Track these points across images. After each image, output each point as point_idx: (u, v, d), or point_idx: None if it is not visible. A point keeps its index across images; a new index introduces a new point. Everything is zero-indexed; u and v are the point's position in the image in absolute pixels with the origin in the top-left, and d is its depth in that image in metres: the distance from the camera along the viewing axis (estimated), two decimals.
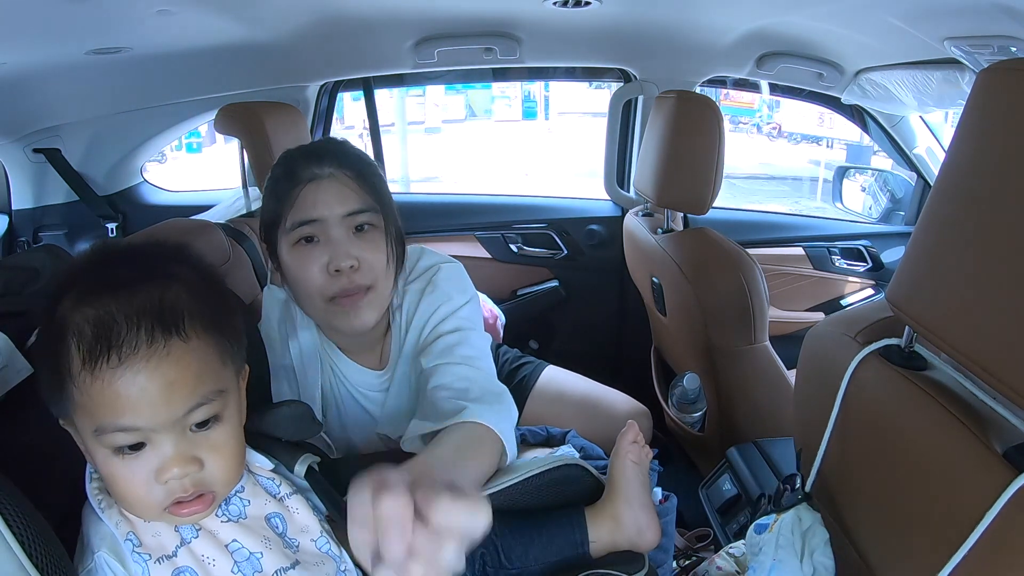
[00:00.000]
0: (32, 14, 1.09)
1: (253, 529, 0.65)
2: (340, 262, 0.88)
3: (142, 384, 0.54)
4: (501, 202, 2.30)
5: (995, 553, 0.55)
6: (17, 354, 0.69)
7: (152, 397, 0.55)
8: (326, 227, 0.89)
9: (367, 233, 0.91)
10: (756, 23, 1.55)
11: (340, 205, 0.89)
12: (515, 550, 0.78)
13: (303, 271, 0.90)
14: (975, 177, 0.59)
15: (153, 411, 0.55)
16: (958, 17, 1.12)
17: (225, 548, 0.63)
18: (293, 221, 0.90)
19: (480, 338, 0.97)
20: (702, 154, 1.35)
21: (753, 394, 1.39)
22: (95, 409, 0.55)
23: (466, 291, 1.00)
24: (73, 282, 0.58)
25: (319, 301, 0.92)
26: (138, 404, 0.54)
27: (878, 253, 2.09)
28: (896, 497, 0.69)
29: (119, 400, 0.54)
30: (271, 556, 0.64)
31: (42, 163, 1.89)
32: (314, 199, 0.89)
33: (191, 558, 0.61)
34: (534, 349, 2.08)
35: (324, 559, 0.69)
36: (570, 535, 0.79)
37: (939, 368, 0.67)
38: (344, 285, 0.90)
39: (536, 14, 1.51)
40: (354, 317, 0.92)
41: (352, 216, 0.90)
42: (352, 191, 0.90)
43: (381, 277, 0.92)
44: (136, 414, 0.55)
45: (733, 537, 1.15)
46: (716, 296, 1.31)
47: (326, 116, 2.09)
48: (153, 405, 0.55)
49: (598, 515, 0.83)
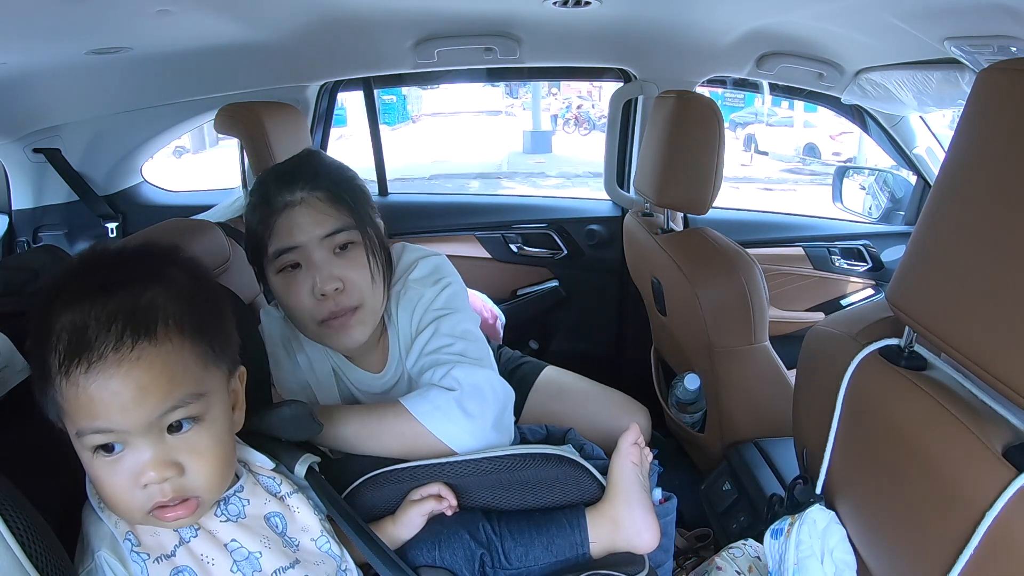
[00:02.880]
0: (32, 14, 1.09)
1: (252, 529, 0.65)
2: (324, 286, 0.89)
3: (114, 388, 0.55)
4: (501, 202, 2.30)
5: (995, 553, 0.55)
6: (17, 354, 0.69)
7: (123, 401, 0.55)
8: (307, 252, 0.89)
9: (349, 252, 0.91)
10: (756, 23, 1.55)
11: (317, 228, 0.89)
12: (515, 551, 0.78)
13: (291, 298, 0.91)
14: (975, 177, 0.59)
15: (125, 415, 0.56)
16: (958, 17, 1.11)
17: (224, 548, 0.63)
18: (274, 249, 0.90)
19: (458, 321, 0.96)
20: (702, 154, 1.35)
21: (753, 394, 1.39)
22: (73, 412, 0.56)
23: (439, 282, 0.99)
24: (60, 287, 0.58)
25: (311, 324, 0.93)
26: (110, 408, 0.55)
27: (878, 253, 2.09)
28: (895, 497, 0.69)
29: (92, 403, 0.55)
30: (270, 555, 0.64)
31: (42, 163, 1.89)
32: (290, 226, 0.89)
33: (190, 557, 0.62)
34: (534, 349, 2.08)
35: (324, 559, 0.69)
36: (570, 536, 0.79)
37: (939, 368, 0.67)
38: (331, 308, 0.90)
39: (536, 14, 1.51)
40: (345, 337, 0.92)
41: (330, 237, 0.90)
42: (325, 213, 0.90)
43: (368, 294, 0.92)
44: (109, 417, 0.56)
45: (733, 537, 1.15)
46: (716, 296, 1.31)
47: (326, 116, 2.10)
48: (124, 409, 0.55)
49: (598, 516, 0.82)
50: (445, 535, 0.78)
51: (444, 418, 0.85)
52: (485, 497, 0.83)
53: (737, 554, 1.00)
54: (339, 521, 0.73)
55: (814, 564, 0.77)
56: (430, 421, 0.85)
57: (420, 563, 0.77)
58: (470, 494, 0.83)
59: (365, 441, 0.87)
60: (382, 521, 0.80)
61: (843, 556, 0.77)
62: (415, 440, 0.85)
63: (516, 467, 0.83)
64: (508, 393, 0.93)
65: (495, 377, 0.92)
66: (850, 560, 0.76)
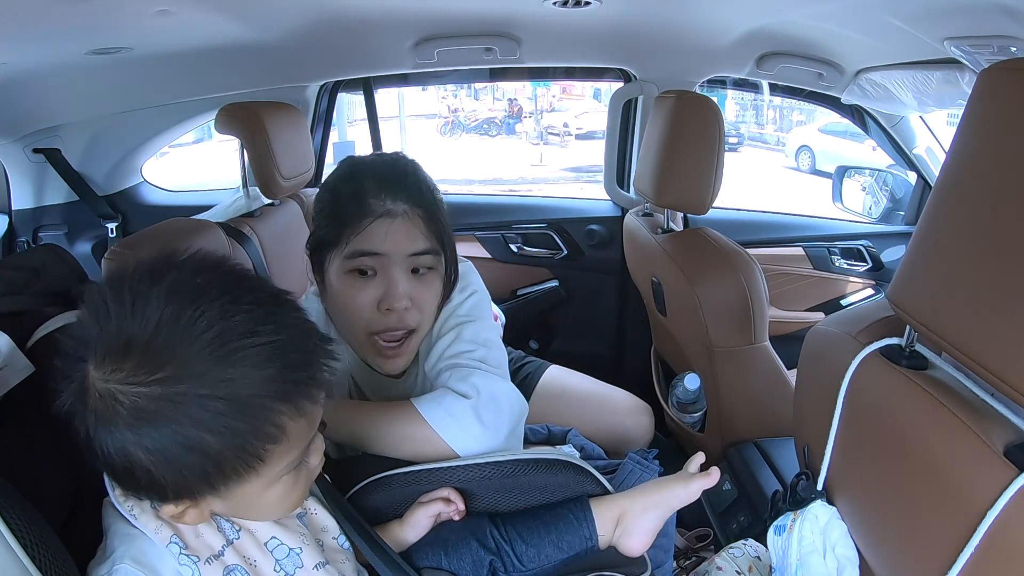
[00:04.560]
0: (32, 14, 1.09)
1: (288, 526, 0.65)
2: (395, 302, 0.87)
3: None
4: (501, 202, 2.30)
5: (996, 552, 0.55)
6: (17, 354, 0.69)
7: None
8: (387, 263, 0.87)
9: (424, 275, 0.90)
10: (756, 23, 1.55)
11: (409, 244, 0.87)
12: (527, 553, 0.77)
13: (352, 301, 0.88)
14: (975, 177, 0.59)
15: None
16: (958, 17, 1.12)
17: (264, 547, 0.63)
18: (354, 249, 0.87)
19: (481, 328, 0.95)
20: (702, 154, 1.35)
21: (753, 394, 1.39)
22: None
23: (464, 288, 0.99)
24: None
25: (361, 334, 0.90)
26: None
27: (878, 253, 2.09)
28: (897, 497, 0.69)
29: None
30: (309, 552, 0.65)
31: (42, 163, 1.89)
32: (383, 234, 0.86)
33: (238, 557, 0.61)
34: (534, 349, 2.08)
35: (347, 555, 0.70)
36: (579, 530, 0.79)
37: (940, 367, 0.67)
38: (391, 324, 0.88)
39: (536, 14, 1.51)
40: (390, 362, 0.91)
41: (415, 257, 0.88)
42: (421, 232, 0.88)
43: (427, 320, 0.91)
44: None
45: (733, 537, 1.15)
46: (716, 296, 1.31)
47: (326, 116, 2.10)
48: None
49: (604, 508, 0.81)
50: (452, 542, 0.77)
51: (457, 425, 0.84)
52: (490, 500, 0.82)
53: (737, 554, 1.00)
54: (342, 523, 0.73)
55: (816, 559, 0.77)
56: (443, 428, 0.84)
57: (424, 565, 0.77)
58: (476, 497, 0.82)
59: (374, 441, 0.86)
60: (389, 524, 0.80)
61: (845, 551, 0.77)
62: (425, 445, 0.84)
63: (523, 472, 0.82)
64: (524, 407, 0.91)
65: (512, 389, 0.90)
66: (852, 555, 0.77)
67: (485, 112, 11.76)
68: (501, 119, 11.69)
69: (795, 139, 9.99)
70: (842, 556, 0.76)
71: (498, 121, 11.67)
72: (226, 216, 1.70)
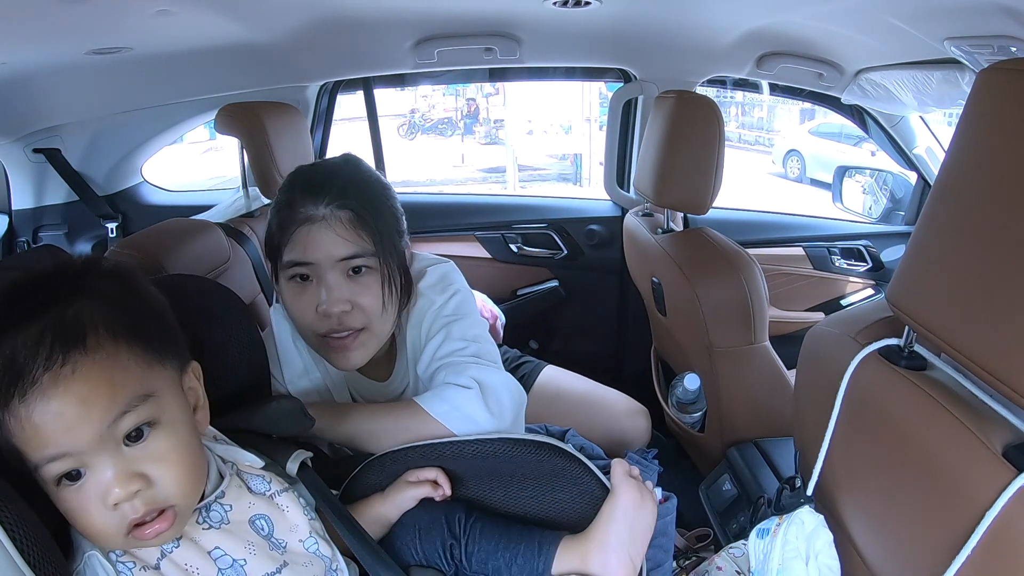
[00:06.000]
0: (32, 14, 1.09)
1: (236, 535, 0.64)
2: (331, 307, 0.87)
3: (55, 409, 0.52)
4: (501, 202, 2.30)
5: (996, 552, 0.55)
6: None
7: (69, 420, 0.53)
8: (319, 270, 0.88)
9: (363, 276, 0.89)
10: (756, 23, 1.55)
11: (334, 249, 0.87)
12: (476, 555, 0.77)
13: (296, 308, 0.90)
14: (975, 177, 0.59)
15: (73, 433, 0.53)
16: (958, 17, 1.11)
17: (208, 556, 0.62)
18: (287, 259, 0.89)
19: (469, 325, 0.96)
20: (702, 154, 1.35)
21: (753, 394, 1.39)
22: (24, 446, 0.53)
23: (447, 289, 0.98)
24: None
25: (312, 337, 0.92)
26: (56, 430, 0.53)
27: (878, 253, 2.09)
28: (896, 497, 0.69)
29: (39, 431, 0.52)
30: (256, 561, 0.64)
31: (42, 163, 1.89)
32: (305, 242, 0.87)
33: (175, 568, 0.60)
34: (534, 349, 2.08)
35: (312, 560, 0.68)
36: (533, 560, 0.76)
37: (939, 368, 0.67)
38: (333, 326, 0.89)
39: (536, 14, 1.51)
40: (343, 358, 0.91)
41: (346, 260, 0.88)
42: (345, 237, 0.87)
43: (375, 319, 0.90)
44: (58, 441, 0.53)
45: (733, 537, 1.15)
46: (716, 296, 1.32)
47: (326, 116, 2.10)
48: (71, 428, 0.53)
49: (572, 545, 0.78)
50: (425, 523, 0.78)
51: (463, 418, 0.84)
52: (477, 489, 0.83)
53: (737, 554, 1.00)
54: (328, 514, 0.73)
55: (799, 565, 0.77)
56: (449, 421, 0.84)
57: (405, 558, 0.78)
58: (466, 482, 0.83)
59: (379, 440, 0.86)
60: (370, 499, 0.80)
61: (828, 561, 0.77)
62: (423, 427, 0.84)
63: (519, 454, 0.81)
64: (523, 396, 0.92)
65: (511, 379, 0.91)
66: (834, 565, 0.76)
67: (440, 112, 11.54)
68: (458, 119, 11.50)
69: (783, 142, 9.39)
70: (824, 566, 0.76)
71: (455, 121, 11.49)
72: (226, 216, 1.71)
